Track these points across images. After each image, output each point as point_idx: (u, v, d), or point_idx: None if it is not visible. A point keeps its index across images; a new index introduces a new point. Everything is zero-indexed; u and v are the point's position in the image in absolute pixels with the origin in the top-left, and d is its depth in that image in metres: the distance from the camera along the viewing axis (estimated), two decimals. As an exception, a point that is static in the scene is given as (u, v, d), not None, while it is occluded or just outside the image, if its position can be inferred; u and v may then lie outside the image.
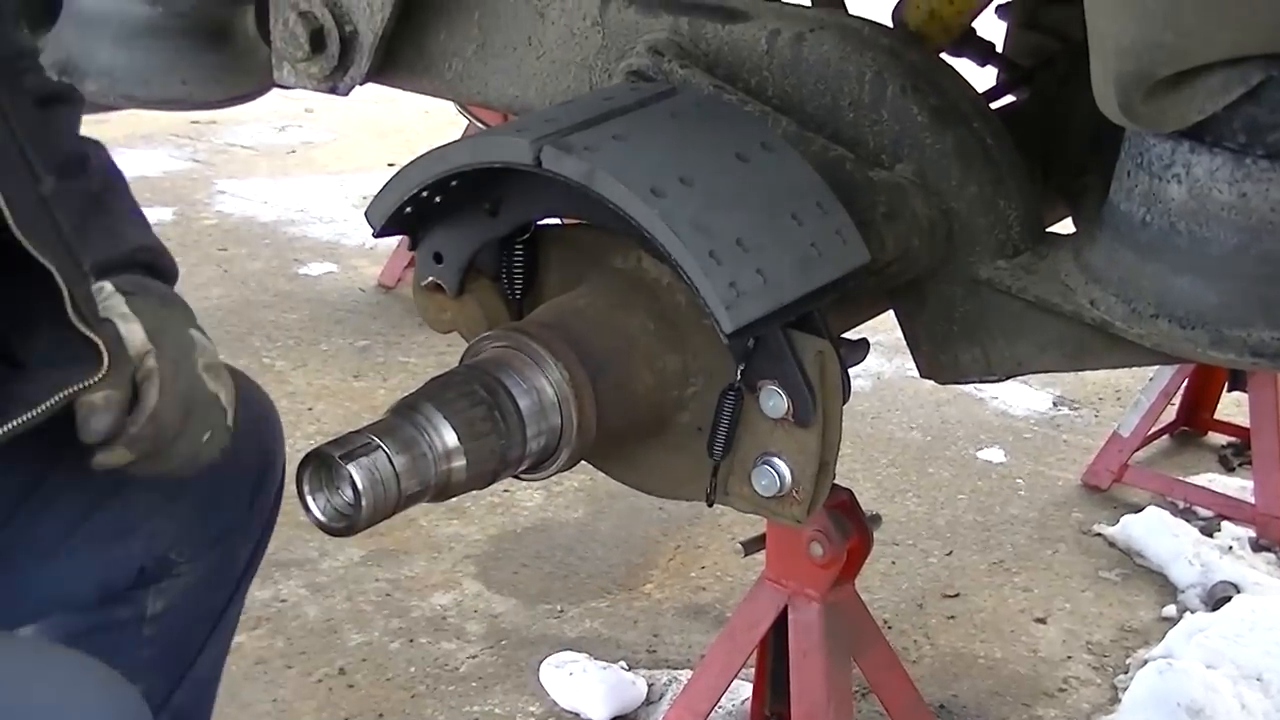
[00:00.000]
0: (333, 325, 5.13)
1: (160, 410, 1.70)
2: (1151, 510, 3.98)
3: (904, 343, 2.09)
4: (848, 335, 2.03)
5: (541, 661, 3.33)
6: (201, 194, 6.38)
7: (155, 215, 6.03)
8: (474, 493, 1.71)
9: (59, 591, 1.95)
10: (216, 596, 2.13)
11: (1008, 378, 2.08)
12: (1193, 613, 3.59)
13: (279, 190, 6.48)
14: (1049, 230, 2.06)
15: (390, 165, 6.43)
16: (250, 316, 5.16)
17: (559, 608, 3.58)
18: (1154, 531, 3.90)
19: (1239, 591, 3.65)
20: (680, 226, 1.63)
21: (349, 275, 5.60)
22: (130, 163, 6.60)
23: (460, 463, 1.61)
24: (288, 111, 7.35)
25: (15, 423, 1.60)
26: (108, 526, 1.92)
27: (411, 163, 1.77)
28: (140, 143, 6.91)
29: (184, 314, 1.80)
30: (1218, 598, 3.65)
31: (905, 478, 4.28)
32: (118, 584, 1.98)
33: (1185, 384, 4.35)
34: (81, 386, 1.64)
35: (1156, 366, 4.14)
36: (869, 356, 2.11)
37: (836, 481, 1.84)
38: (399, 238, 1.95)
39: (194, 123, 7.20)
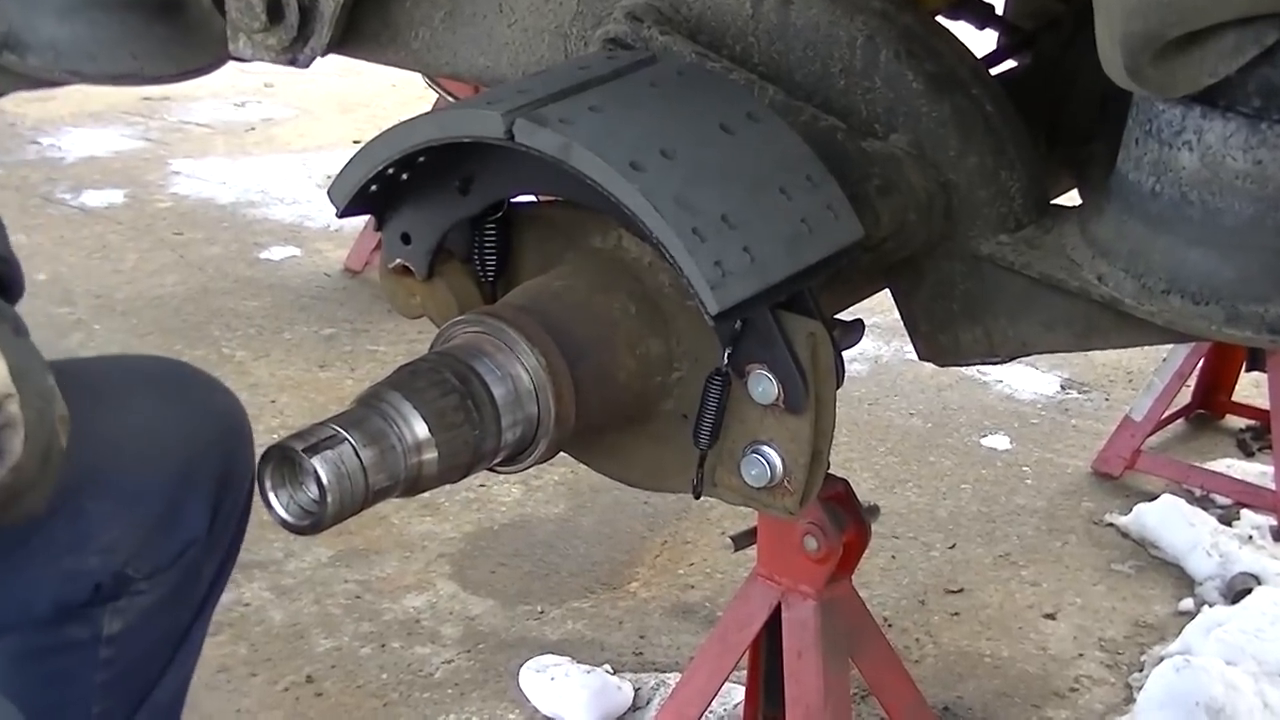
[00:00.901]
0: (296, 313, 5.13)
1: (23, 463, 1.64)
2: (1166, 498, 3.99)
3: (902, 324, 2.09)
4: (841, 316, 2.04)
5: (521, 666, 3.32)
6: (155, 175, 6.37)
7: (106, 198, 6.03)
8: (448, 487, 1.71)
9: (12, 605, 1.94)
10: (178, 617, 2.12)
11: (1012, 359, 2.09)
12: (1211, 606, 3.60)
13: (237, 170, 6.47)
14: (1054, 203, 2.07)
15: (356, 142, 6.42)
16: (208, 304, 5.15)
17: (539, 608, 3.58)
18: (1169, 521, 3.90)
19: (1260, 583, 3.66)
20: (662, 203, 1.63)
21: (313, 259, 5.59)
22: (78, 142, 6.60)
23: (431, 455, 1.61)
24: (246, 86, 7.33)
25: None
26: (61, 534, 1.92)
27: (376, 138, 1.77)
28: (88, 121, 6.90)
29: (36, 352, 1.74)
30: (1237, 590, 3.65)
31: (905, 467, 4.28)
32: (73, 599, 1.97)
33: (1201, 364, 4.36)
34: None
35: (1170, 346, 4.15)
36: (865, 339, 2.12)
37: (831, 471, 1.84)
38: (365, 219, 1.95)
39: (145, 99, 7.18)
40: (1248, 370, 4.41)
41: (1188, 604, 3.68)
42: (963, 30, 2.34)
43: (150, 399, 2.06)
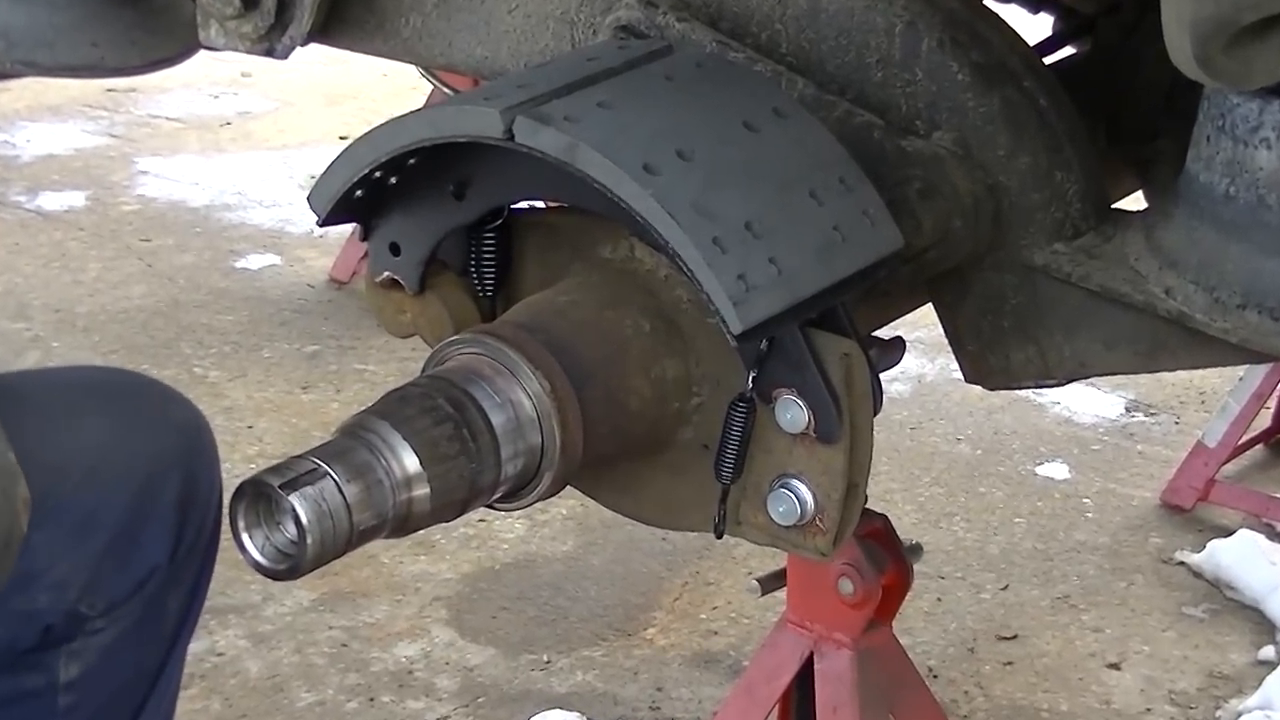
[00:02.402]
0: (276, 328, 5.13)
1: None
2: (1243, 534, 3.98)
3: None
4: (879, 334, 2.03)
5: (525, 722, 3.33)
6: (120, 175, 6.38)
7: (66, 200, 6.04)
8: (442, 525, 1.71)
9: None
10: (145, 657, 2.11)
11: (1069, 381, 2.08)
12: (1293, 654, 3.60)
13: (211, 169, 6.48)
14: (1115, 207, 2.06)
15: (342, 138, 6.43)
16: (179, 319, 5.16)
17: (545, 658, 3.58)
18: (1247, 559, 3.89)
19: (1348, 629, 3.65)
20: (679, 209, 1.63)
21: (295, 269, 5.60)
22: (35, 139, 6.62)
23: (423, 491, 1.61)
24: (221, 76, 7.35)
25: None
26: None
27: (362, 138, 1.77)
28: (46, 115, 6.92)
29: None
30: (1323, 636, 3.65)
31: (951, 499, 4.28)
32: (21, 644, 1.97)
33: (1281, 384, 4.35)
34: None
35: (1246, 365, 4.14)
36: (906, 357, 2.11)
37: (869, 506, 1.84)
38: (350, 225, 1.95)
39: (109, 91, 7.20)
40: (1334, 391, 4.40)
41: (1268, 652, 3.67)
42: (1013, 15, 2.34)
43: (101, 414, 2.05)
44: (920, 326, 2.20)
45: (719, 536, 1.82)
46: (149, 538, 2.03)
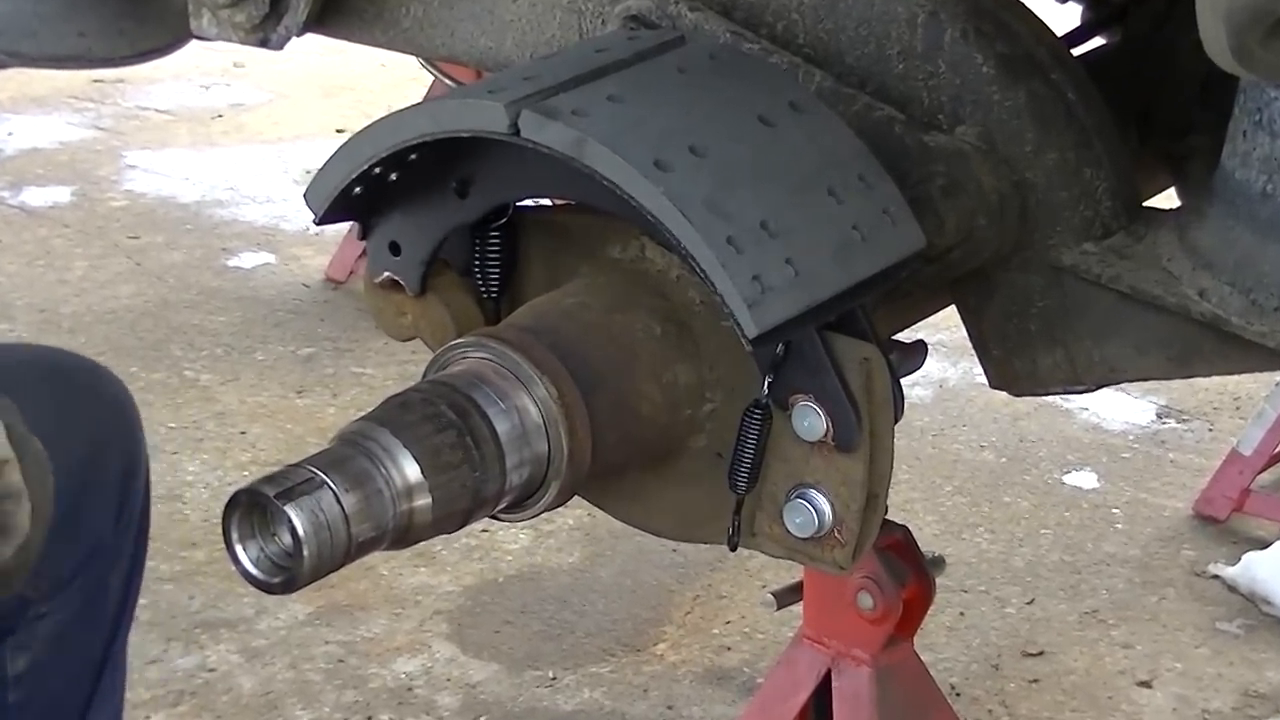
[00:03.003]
0: (270, 329, 5.14)
1: (31, 539, 1.66)
2: (1280, 546, 3.98)
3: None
4: (900, 337, 2.03)
5: (530, 741, 3.33)
6: (107, 169, 6.39)
7: (51, 196, 6.05)
8: (444, 536, 1.71)
9: None
10: (92, 642, 2.12)
11: (1099, 387, 2.08)
12: (1333, 672, 3.59)
13: (203, 164, 6.49)
14: (1147, 205, 2.06)
15: (339, 132, 6.44)
16: (168, 319, 5.16)
17: (551, 674, 3.58)
18: (1284, 572, 3.89)
19: (1390, 646, 3.65)
20: (691, 207, 1.63)
21: (289, 268, 5.61)
22: (18, 132, 6.63)
23: (424, 501, 1.61)
24: (212, 67, 7.35)
25: None
26: None
27: (361, 132, 1.77)
28: (31, 107, 6.92)
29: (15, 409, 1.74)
30: (1364, 653, 3.65)
31: (975, 509, 4.28)
32: None
33: (1320, 390, 4.35)
34: None
35: (1284, 369, 4.14)
36: (928, 361, 2.11)
37: (889, 517, 1.84)
38: (348, 223, 1.96)
39: (96, 82, 7.21)
40: (1375, 397, 4.39)
41: (1306, 670, 3.67)
42: (1041, 5, 2.33)
43: (38, 391, 2.05)
44: (943, 329, 2.20)
45: (733, 549, 1.82)
46: (93, 513, 2.04)
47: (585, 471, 1.73)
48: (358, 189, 1.79)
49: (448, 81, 4.85)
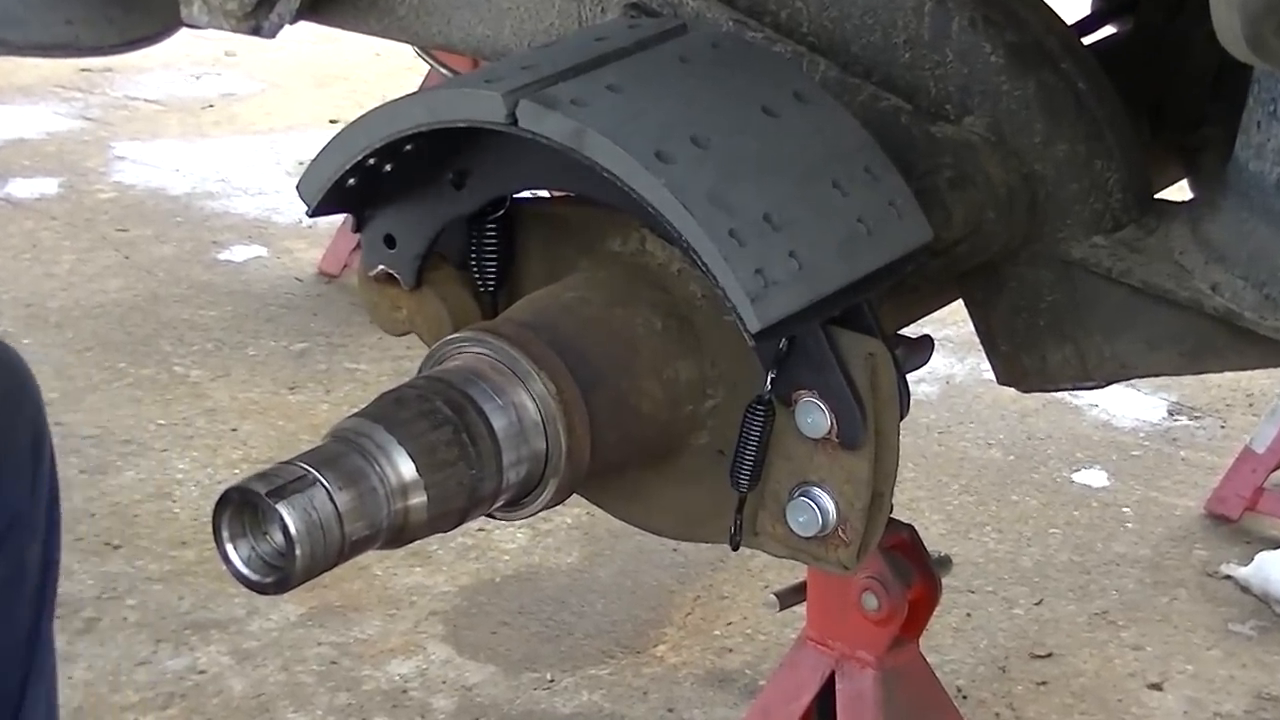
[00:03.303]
0: (262, 324, 5.14)
1: None
2: (1294, 546, 3.98)
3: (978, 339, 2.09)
4: (906, 332, 2.03)
5: (527, 745, 3.33)
6: (96, 160, 6.39)
7: (37, 187, 6.05)
8: (439, 535, 1.71)
9: None
10: (17, 618, 2.12)
11: (1109, 384, 2.08)
12: (1348, 675, 3.59)
13: (193, 155, 6.49)
14: (1159, 198, 2.06)
15: (332, 122, 6.44)
16: (158, 314, 5.16)
17: (549, 676, 3.58)
18: (1297, 573, 3.90)
19: (1405, 647, 3.65)
20: (693, 200, 1.63)
21: (282, 261, 5.61)
22: (5, 122, 6.63)
23: (420, 499, 1.61)
24: (203, 56, 7.35)
25: None
26: None
27: (355, 123, 1.77)
28: (17, 97, 6.92)
29: None
30: (1379, 655, 3.65)
31: (982, 508, 4.28)
32: None
33: (1335, 386, 4.35)
34: None
35: (1297, 365, 4.13)
36: (934, 357, 2.11)
37: (894, 515, 1.84)
38: (341, 216, 1.96)
39: (84, 71, 7.21)
40: (1392, 393, 4.40)
41: (1321, 672, 3.67)
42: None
43: None
44: (949, 324, 2.20)
45: (735, 548, 1.82)
46: (7, 485, 2.04)
47: (584, 469, 1.73)
48: (352, 180, 1.79)
49: (444, 71, 4.85)
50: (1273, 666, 3.69)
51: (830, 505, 1.74)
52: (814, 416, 1.72)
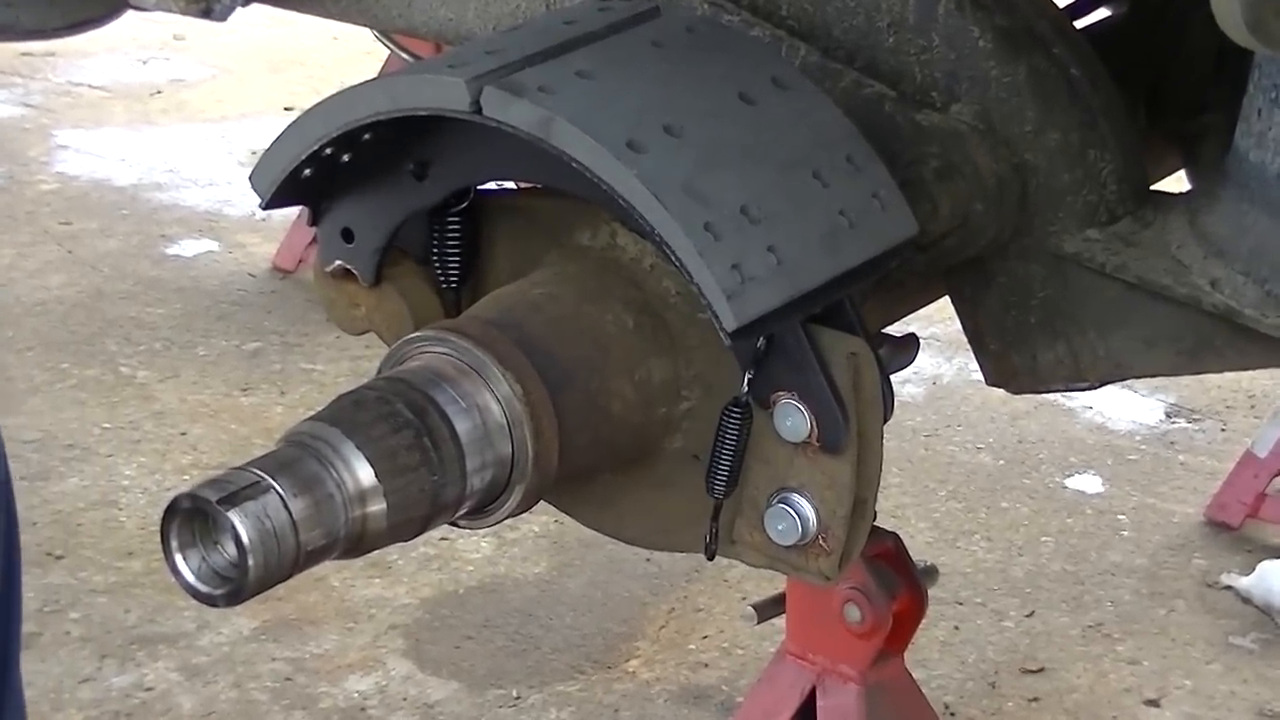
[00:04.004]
0: (213, 322, 5.13)
1: None
2: (1297, 555, 4.00)
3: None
4: (890, 331, 2.04)
5: (493, 765, 3.34)
6: (36, 150, 6.38)
7: (-25, 179, 6.04)
8: (400, 544, 1.71)
9: None
10: None
11: (1104, 384, 2.08)
12: (1353, 690, 3.61)
13: (140, 144, 6.48)
14: (1155, 189, 2.07)
15: (287, 110, 6.43)
16: (103, 312, 5.15)
17: (515, 693, 3.58)
18: (1301, 583, 3.91)
19: None
20: (666, 191, 1.63)
21: (234, 256, 5.60)
22: (-58, 109, 6.60)
23: (379, 507, 1.61)
24: (150, 39, 7.34)
25: None
26: None
27: (311, 110, 1.77)
28: (-46, 83, 6.92)
29: None
30: (1385, 669, 3.66)
31: (971, 515, 4.28)
32: None
33: (1340, 387, 4.36)
34: None
35: (1301, 365, 4.14)
36: (920, 356, 2.12)
37: (878, 523, 1.84)
38: (297, 208, 1.96)
39: (25, 55, 7.19)
40: (1399, 394, 4.41)
41: (1324, 687, 3.68)
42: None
43: None
44: (936, 322, 2.21)
45: (710, 558, 1.82)
46: None
47: (552, 475, 1.73)
48: (307, 171, 1.79)
49: (405, 56, 4.85)
50: (1275, 681, 3.71)
51: (810, 512, 1.75)
52: (794, 419, 1.72)
